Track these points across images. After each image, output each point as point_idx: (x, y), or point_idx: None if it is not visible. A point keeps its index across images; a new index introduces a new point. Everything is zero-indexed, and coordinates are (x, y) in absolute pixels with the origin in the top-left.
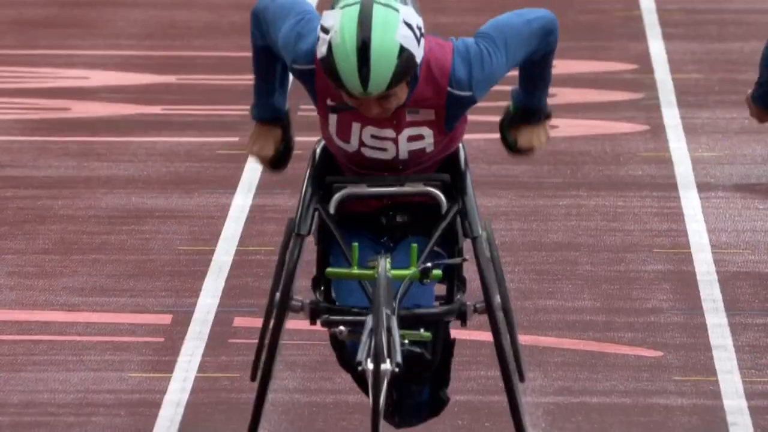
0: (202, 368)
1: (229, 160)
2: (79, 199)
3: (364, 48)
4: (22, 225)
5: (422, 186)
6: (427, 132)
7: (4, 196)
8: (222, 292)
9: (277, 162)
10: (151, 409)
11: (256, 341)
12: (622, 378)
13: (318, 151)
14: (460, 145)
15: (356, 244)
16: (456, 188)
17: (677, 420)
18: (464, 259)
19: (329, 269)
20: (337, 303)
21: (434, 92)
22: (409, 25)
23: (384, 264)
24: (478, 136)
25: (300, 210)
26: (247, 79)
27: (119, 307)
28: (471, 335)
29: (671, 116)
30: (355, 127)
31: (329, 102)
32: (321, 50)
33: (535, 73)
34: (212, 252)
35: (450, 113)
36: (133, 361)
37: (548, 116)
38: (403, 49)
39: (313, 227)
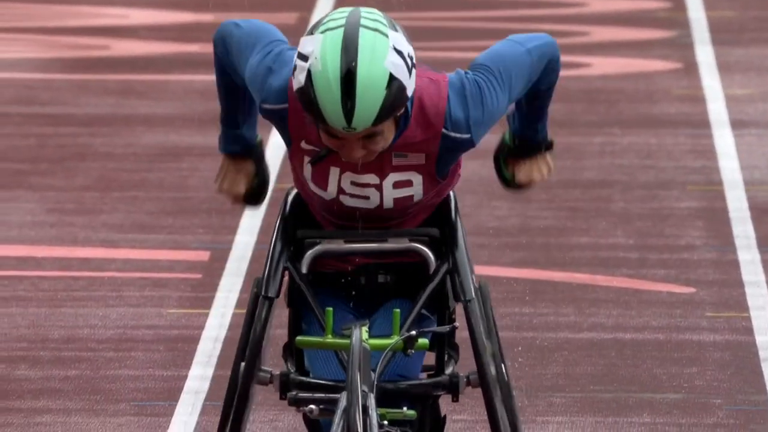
0: (239, 304)
1: None
2: (119, 137)
3: (348, 76)
4: (62, 162)
5: (407, 242)
6: (416, 178)
7: (44, 133)
8: (259, 229)
9: (251, 198)
10: (189, 344)
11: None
12: (655, 314)
13: (289, 200)
14: (451, 193)
15: (330, 308)
16: (446, 244)
17: (709, 356)
18: (454, 327)
19: (299, 337)
20: (311, 374)
21: (426, 135)
22: (399, 53)
23: (358, 333)
24: None
25: (267, 269)
26: (285, 15)
27: (158, 244)
28: (507, 272)
29: (705, 54)
30: (334, 172)
31: (304, 145)
32: (298, 79)
33: (535, 105)
34: None
35: (443, 158)
36: (171, 297)
37: (549, 147)
38: (392, 78)
39: (284, 288)
